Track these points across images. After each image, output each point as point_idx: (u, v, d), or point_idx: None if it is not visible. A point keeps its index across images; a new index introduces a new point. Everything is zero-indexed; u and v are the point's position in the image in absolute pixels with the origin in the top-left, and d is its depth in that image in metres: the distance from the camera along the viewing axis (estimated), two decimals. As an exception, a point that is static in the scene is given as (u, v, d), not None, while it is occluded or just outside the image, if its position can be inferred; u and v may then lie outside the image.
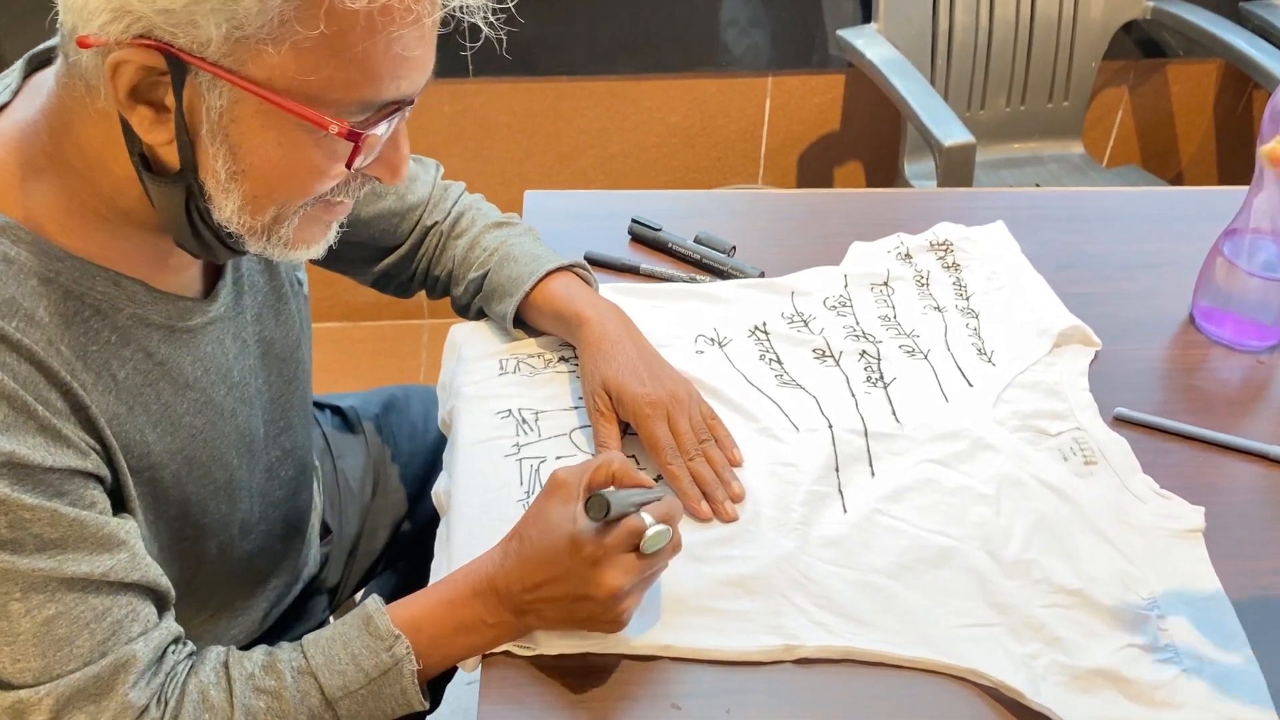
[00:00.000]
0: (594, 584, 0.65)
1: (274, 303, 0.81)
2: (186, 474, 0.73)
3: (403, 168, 0.66)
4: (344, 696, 0.66)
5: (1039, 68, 1.83)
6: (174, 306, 0.69)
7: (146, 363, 0.68)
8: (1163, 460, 0.84)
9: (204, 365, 0.73)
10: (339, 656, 0.67)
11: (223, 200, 0.62)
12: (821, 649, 0.70)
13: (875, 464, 0.83)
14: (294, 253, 0.67)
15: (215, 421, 0.74)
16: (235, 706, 0.65)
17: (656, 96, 1.90)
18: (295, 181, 0.62)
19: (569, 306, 0.88)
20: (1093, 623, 0.72)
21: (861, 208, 1.13)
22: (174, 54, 0.56)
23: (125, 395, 0.67)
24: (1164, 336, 0.98)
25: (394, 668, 0.67)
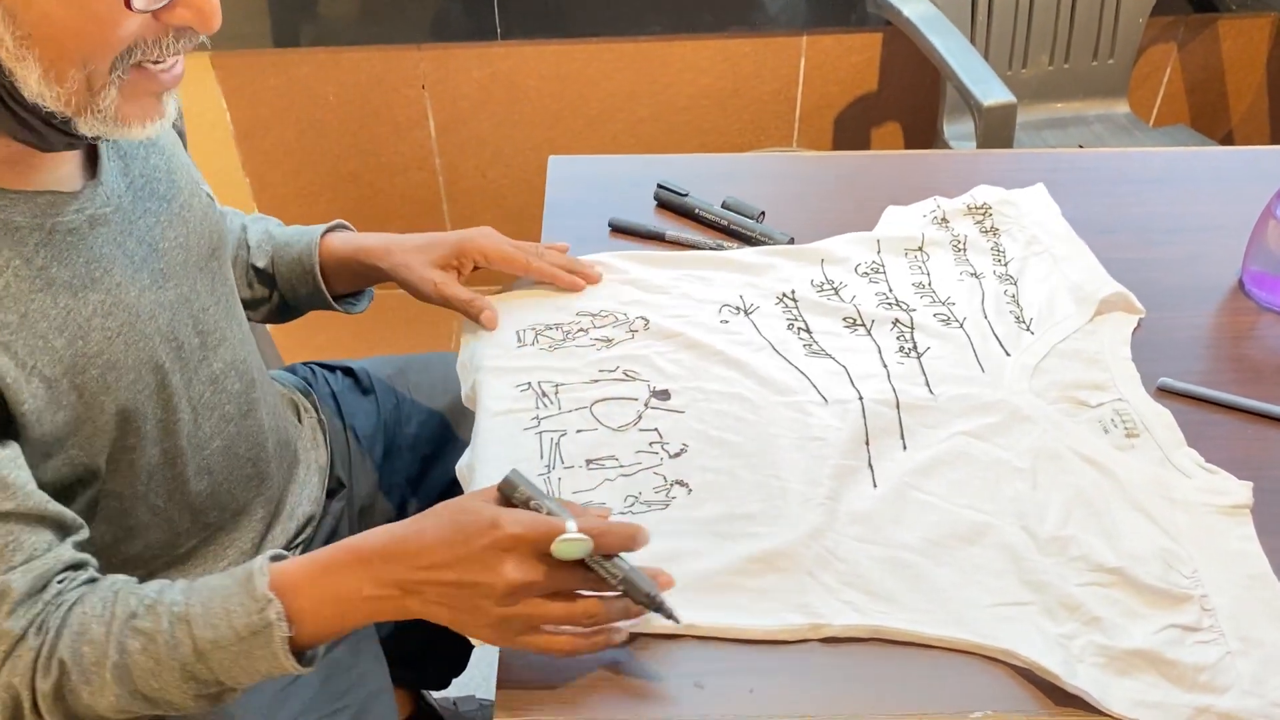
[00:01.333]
0: (494, 571, 0.61)
1: (181, 211, 0.80)
2: (114, 378, 0.72)
3: (209, 11, 0.63)
4: (214, 649, 0.65)
5: (1083, 24, 1.77)
6: (37, 203, 0.68)
7: (27, 268, 0.67)
8: (1209, 433, 0.81)
9: (103, 266, 0.72)
10: (215, 609, 0.65)
11: (24, 73, 0.61)
12: (848, 628, 0.68)
13: (907, 437, 0.80)
14: (129, 129, 0.66)
15: (132, 323, 0.73)
16: (110, 643, 0.64)
17: (687, 57, 1.86)
18: (86, 36, 0.60)
19: (350, 244, 0.95)
20: (1132, 602, 0.69)
21: (897, 170, 1.09)
22: None
23: (12, 303, 0.66)
24: (1212, 303, 0.94)
25: (264, 630, 0.64)
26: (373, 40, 1.77)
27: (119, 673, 0.64)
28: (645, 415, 0.81)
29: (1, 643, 0.64)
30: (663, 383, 0.84)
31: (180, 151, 0.84)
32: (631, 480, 0.76)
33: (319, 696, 0.86)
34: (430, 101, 1.85)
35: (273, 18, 1.74)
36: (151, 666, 0.65)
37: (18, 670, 0.64)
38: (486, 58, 1.81)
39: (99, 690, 0.64)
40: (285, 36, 1.76)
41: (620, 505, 0.74)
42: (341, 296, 1.00)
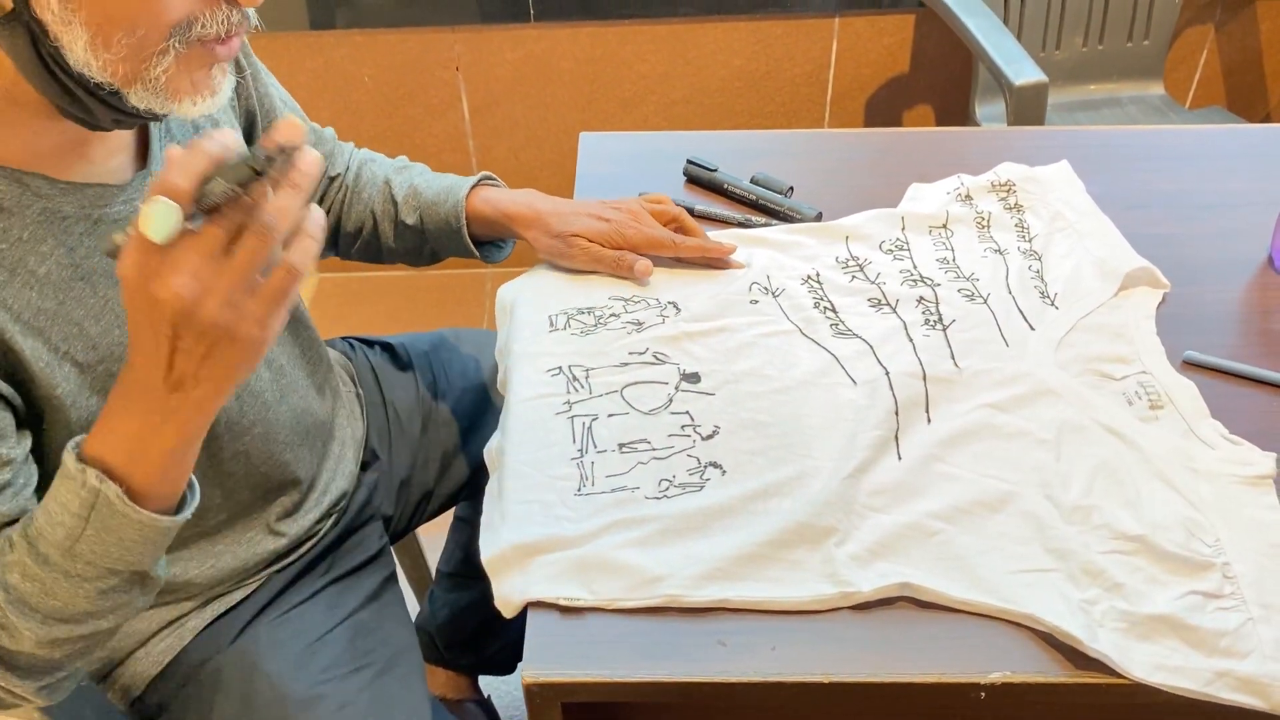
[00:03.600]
0: (155, 307, 0.56)
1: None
2: None
3: None
4: (75, 542, 0.64)
5: (1118, 5, 1.76)
6: (85, 194, 0.70)
7: (69, 257, 0.69)
8: (1233, 405, 0.81)
9: None
10: (53, 510, 0.64)
11: (70, 39, 0.61)
12: (878, 590, 0.69)
13: (932, 409, 0.81)
14: (179, 103, 0.66)
15: None
16: None
17: (719, 39, 1.87)
18: (135, 6, 0.61)
19: (497, 210, 0.95)
20: (1154, 569, 0.70)
21: (924, 148, 1.10)
22: None
23: (51, 290, 0.68)
24: (1239, 279, 0.94)
25: (98, 499, 0.63)
26: (408, 23, 1.79)
27: (17, 607, 0.65)
28: (676, 398, 0.82)
29: None
30: (692, 366, 0.85)
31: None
32: (665, 463, 0.77)
33: (345, 653, 0.89)
34: (464, 83, 1.87)
35: (309, 1, 1.77)
36: (38, 588, 0.64)
37: None
38: (520, 39, 1.83)
39: (13, 630, 0.65)
40: (321, 19, 1.79)
41: (655, 489, 0.75)
42: (485, 243, 1.00)
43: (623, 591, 0.69)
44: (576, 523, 0.73)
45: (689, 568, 0.70)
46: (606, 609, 0.69)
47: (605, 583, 0.69)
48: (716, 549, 0.71)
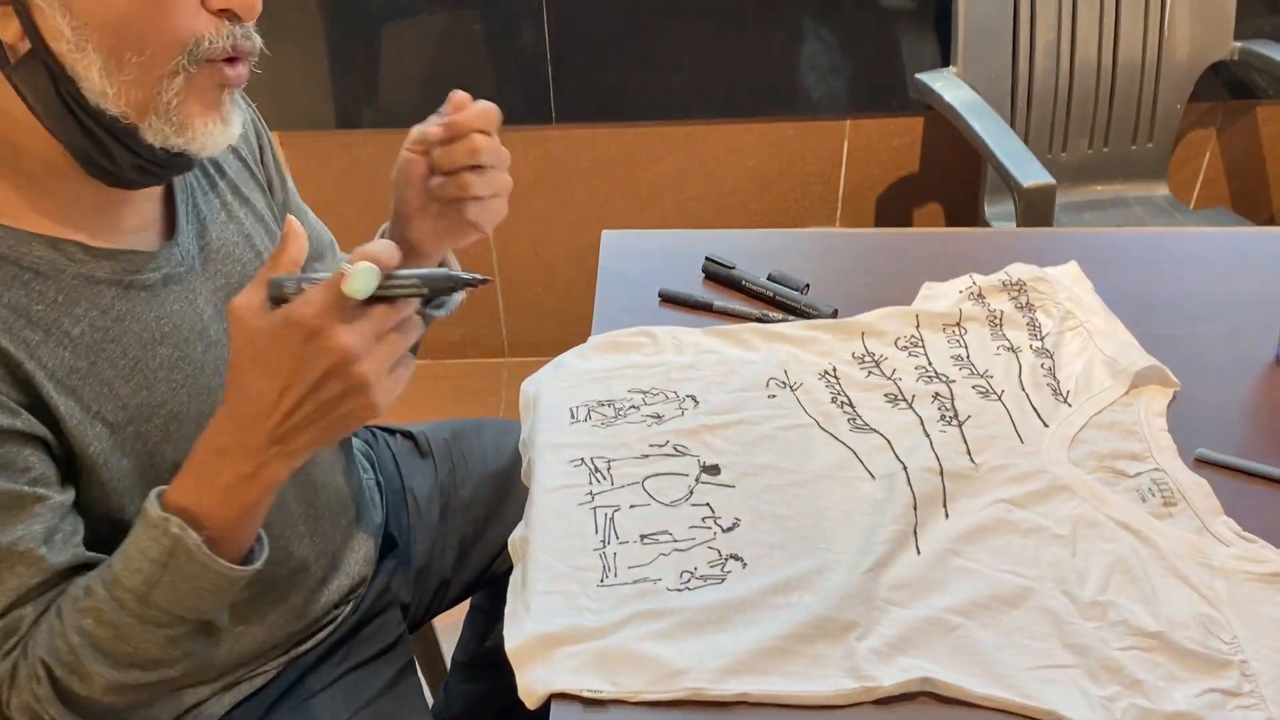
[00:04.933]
0: (322, 353, 0.62)
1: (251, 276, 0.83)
2: (175, 428, 0.77)
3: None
4: (151, 589, 0.67)
5: (1122, 110, 1.82)
6: (118, 262, 0.74)
7: (102, 319, 0.73)
8: (1246, 503, 0.82)
9: (173, 322, 0.77)
10: (132, 556, 0.68)
11: (85, 68, 0.65)
12: (900, 685, 0.69)
13: (949, 505, 0.83)
14: (191, 131, 0.69)
15: (196, 377, 0.78)
16: (70, 630, 0.68)
17: (733, 140, 1.93)
18: (138, 12, 0.65)
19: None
20: (1173, 666, 0.70)
21: (935, 247, 1.13)
22: None
23: (84, 350, 0.71)
24: (1249, 379, 0.96)
25: (177, 547, 0.67)
26: (432, 123, 1.86)
27: (91, 652, 0.68)
28: (696, 490, 0.84)
29: (2, 675, 0.69)
30: (712, 458, 0.87)
31: (259, 232, 0.89)
32: (686, 555, 0.78)
33: None
34: (486, 181, 1.93)
35: (337, 101, 1.84)
36: (112, 634, 0.68)
37: (21, 692, 0.69)
38: (541, 139, 1.89)
39: (86, 675, 0.68)
40: (349, 118, 1.85)
41: (676, 580, 0.76)
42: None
43: (646, 684, 0.70)
44: (599, 614, 0.74)
45: (711, 661, 0.70)
46: (629, 701, 0.69)
47: (628, 675, 0.70)
48: (739, 642, 0.72)
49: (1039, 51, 1.75)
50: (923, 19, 1.82)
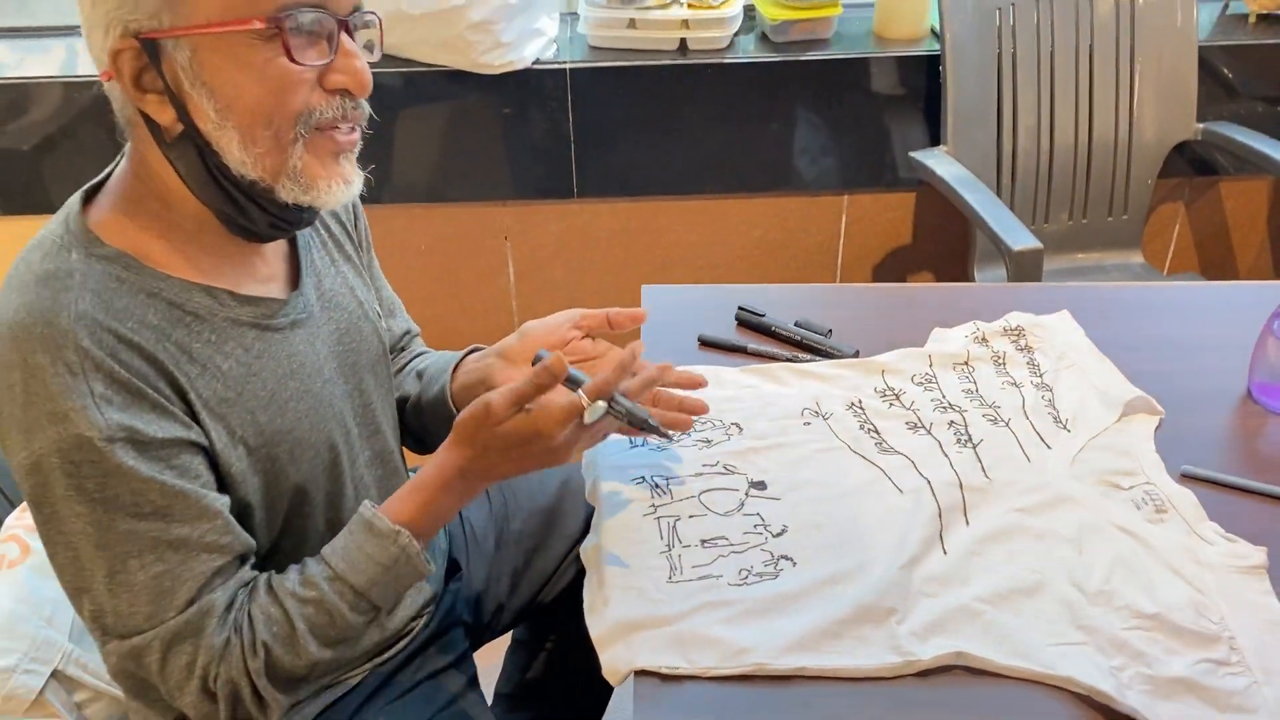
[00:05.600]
0: (547, 452, 0.84)
1: (357, 323, 0.98)
2: (299, 452, 0.89)
3: (359, 73, 0.80)
4: (371, 586, 0.85)
5: (1098, 185, 1.97)
6: (260, 307, 0.87)
7: (246, 355, 0.85)
8: (1227, 511, 0.94)
9: (299, 360, 0.89)
10: (357, 560, 0.85)
11: (226, 142, 0.78)
12: (937, 658, 0.80)
13: (970, 513, 0.94)
14: (315, 190, 0.81)
15: (316, 408, 0.90)
16: (292, 616, 0.82)
17: (741, 213, 2.08)
18: (267, 96, 0.77)
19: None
20: (1171, 642, 0.81)
21: (939, 300, 1.26)
22: (143, 36, 0.74)
23: (232, 383, 0.84)
24: (1225, 409, 1.08)
25: (403, 556, 0.85)
26: (464, 197, 2.00)
27: (309, 635, 0.83)
28: (747, 502, 0.95)
29: (215, 651, 0.80)
30: (759, 475, 0.98)
31: (359, 284, 1.02)
32: (743, 556, 0.89)
33: None
34: (511, 251, 2.07)
35: (378, 177, 1.98)
36: (327, 620, 0.83)
37: (231, 665, 0.81)
38: (564, 212, 2.03)
39: (298, 653, 0.82)
40: (389, 194, 1.99)
41: (736, 577, 0.87)
42: None
43: (717, 661, 0.80)
44: (671, 604, 0.84)
45: (772, 641, 0.81)
46: (703, 676, 0.80)
47: (700, 653, 0.80)
48: (794, 626, 0.82)
49: (1021, 132, 1.91)
50: (913, 103, 1.98)
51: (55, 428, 0.74)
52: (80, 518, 0.76)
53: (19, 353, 0.75)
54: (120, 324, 0.77)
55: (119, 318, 0.77)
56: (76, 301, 0.76)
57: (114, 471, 0.75)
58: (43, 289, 0.76)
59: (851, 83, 1.96)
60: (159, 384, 0.78)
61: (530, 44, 1.87)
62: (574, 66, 1.89)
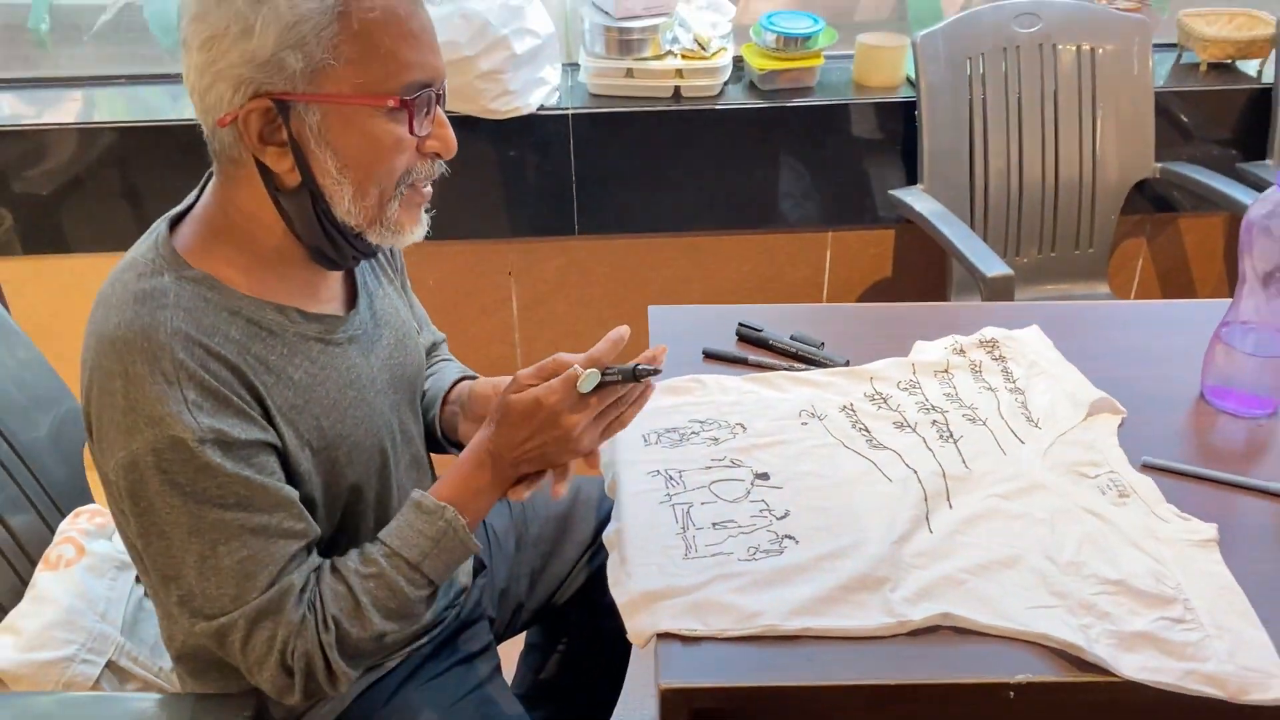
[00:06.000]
0: (555, 427, 0.91)
1: (403, 340, 1.09)
2: (356, 455, 0.98)
3: (451, 142, 0.91)
4: (424, 559, 0.93)
5: (1065, 220, 2.11)
6: (323, 324, 0.97)
7: (312, 367, 0.95)
8: (1182, 495, 1.05)
9: (356, 372, 0.99)
10: (409, 536, 0.94)
11: (339, 194, 0.88)
12: (927, 619, 0.90)
13: (953, 499, 1.04)
14: (402, 234, 0.93)
15: (371, 415, 1.00)
16: (356, 591, 0.91)
17: (731, 249, 2.20)
18: (382, 160, 0.88)
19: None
20: (1133, 603, 0.91)
21: (921, 318, 1.37)
22: (277, 97, 0.84)
23: (301, 391, 0.93)
24: (1181, 410, 1.20)
25: (449, 528, 0.94)
26: (471, 235, 2.11)
27: (373, 608, 0.91)
28: (753, 491, 1.05)
29: (292, 627, 0.88)
30: (762, 468, 1.08)
31: (400, 304, 1.13)
32: (750, 536, 0.99)
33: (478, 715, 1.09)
34: (515, 285, 2.18)
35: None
36: (388, 594, 0.92)
37: (306, 639, 0.89)
38: (565, 248, 2.15)
39: (366, 624, 0.91)
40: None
41: (745, 554, 0.97)
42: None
43: (731, 624, 0.90)
44: (687, 578, 0.94)
45: (780, 606, 0.91)
46: (718, 638, 0.89)
47: (716, 618, 0.90)
48: (799, 593, 0.92)
49: (992, 172, 2.05)
50: (891, 146, 2.12)
51: (152, 429, 0.83)
52: (174, 509, 0.85)
53: (121, 363, 0.84)
54: (209, 339, 0.87)
55: (207, 333, 0.87)
56: (171, 319, 0.85)
57: (204, 469, 0.84)
58: (141, 306, 0.86)
59: (834, 127, 2.09)
60: (241, 391, 0.87)
61: (535, 92, 1.99)
62: (575, 112, 2.02)
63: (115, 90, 2.22)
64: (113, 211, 2.09)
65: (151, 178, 2.06)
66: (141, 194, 2.08)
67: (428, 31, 0.88)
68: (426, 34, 0.88)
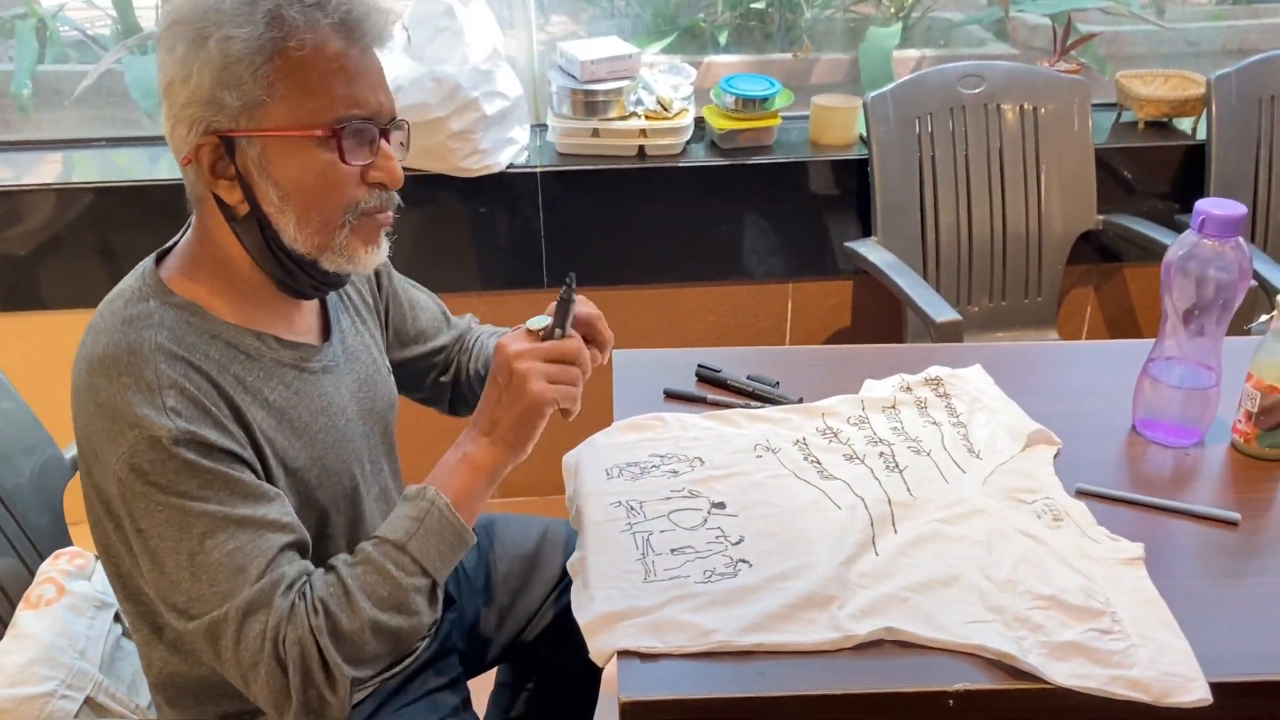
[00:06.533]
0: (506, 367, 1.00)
1: (373, 375, 1.14)
2: (325, 479, 1.03)
3: (394, 172, 0.97)
4: (409, 539, 0.96)
5: (1014, 271, 2.20)
6: (298, 351, 1.03)
7: (286, 391, 1.01)
8: (1113, 518, 1.11)
9: (327, 399, 1.05)
10: (393, 521, 0.98)
11: (284, 222, 0.95)
12: (870, 633, 0.95)
13: (898, 524, 1.10)
14: (355, 262, 0.99)
15: (340, 441, 1.06)
16: (343, 577, 0.95)
17: (696, 301, 2.28)
18: (320, 189, 0.95)
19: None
20: (1064, 617, 0.97)
21: (871, 358, 1.45)
22: (223, 134, 0.92)
23: (275, 413, 0.99)
24: (1114, 441, 1.27)
25: (431, 506, 0.98)
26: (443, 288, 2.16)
27: (360, 592, 0.94)
28: (709, 519, 1.11)
29: (282, 615, 0.91)
30: (719, 498, 1.14)
31: (374, 344, 1.19)
32: (706, 560, 1.05)
33: None
34: (486, 337, 2.24)
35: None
36: (376, 578, 0.95)
37: (297, 625, 0.91)
38: (533, 300, 2.21)
39: (355, 610, 0.93)
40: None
41: (701, 577, 1.02)
42: None
43: (687, 640, 0.95)
44: (646, 599, 0.99)
45: (734, 623, 0.96)
46: (675, 654, 0.94)
47: (673, 635, 0.95)
48: (751, 611, 0.98)
49: (942, 225, 2.14)
50: (847, 201, 2.21)
51: (132, 432, 0.88)
52: (159, 509, 0.90)
53: (107, 377, 0.90)
54: (190, 355, 0.93)
55: (189, 350, 0.93)
56: (155, 335, 0.92)
57: (182, 468, 0.89)
58: (128, 328, 0.92)
59: (792, 183, 2.19)
60: (221, 405, 0.93)
61: (504, 151, 2.08)
62: (544, 170, 2.11)
63: (94, 152, 2.29)
64: (90, 269, 2.14)
65: (128, 236, 2.12)
66: (118, 252, 2.14)
67: (365, 70, 0.95)
68: (363, 72, 0.95)
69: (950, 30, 2.82)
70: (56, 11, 2.49)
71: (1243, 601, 1.02)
